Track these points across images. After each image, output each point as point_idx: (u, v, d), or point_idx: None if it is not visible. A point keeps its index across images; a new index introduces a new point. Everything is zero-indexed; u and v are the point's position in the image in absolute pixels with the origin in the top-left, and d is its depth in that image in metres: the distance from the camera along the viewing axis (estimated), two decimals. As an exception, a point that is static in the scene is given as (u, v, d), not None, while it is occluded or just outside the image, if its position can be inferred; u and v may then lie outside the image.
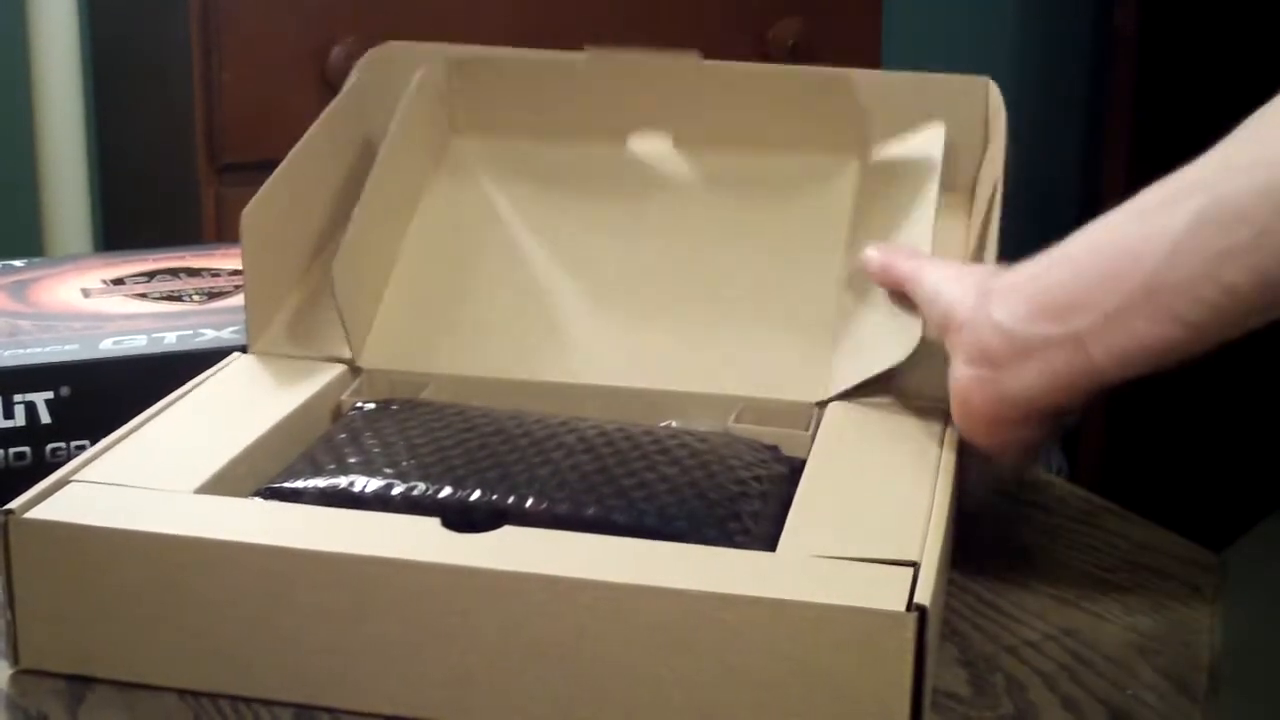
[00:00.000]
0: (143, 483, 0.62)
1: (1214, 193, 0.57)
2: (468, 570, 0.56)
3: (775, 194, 0.81)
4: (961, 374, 0.65)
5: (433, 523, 0.59)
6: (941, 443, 0.67)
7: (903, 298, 0.71)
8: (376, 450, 0.65)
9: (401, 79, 0.84)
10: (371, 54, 0.86)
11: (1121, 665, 0.62)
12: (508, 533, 0.58)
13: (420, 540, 0.57)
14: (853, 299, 0.75)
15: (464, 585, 0.56)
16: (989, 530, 0.73)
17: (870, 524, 0.59)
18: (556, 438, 0.66)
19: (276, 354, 0.76)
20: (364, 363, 0.76)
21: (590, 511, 0.61)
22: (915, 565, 0.56)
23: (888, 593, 0.54)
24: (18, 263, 0.93)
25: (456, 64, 0.85)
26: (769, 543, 0.59)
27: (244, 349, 0.76)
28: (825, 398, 0.72)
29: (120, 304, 0.85)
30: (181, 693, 0.59)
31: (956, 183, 0.81)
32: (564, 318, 0.77)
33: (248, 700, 0.59)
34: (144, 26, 1.68)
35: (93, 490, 0.61)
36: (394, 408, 0.70)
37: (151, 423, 0.68)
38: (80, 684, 0.60)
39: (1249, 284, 0.57)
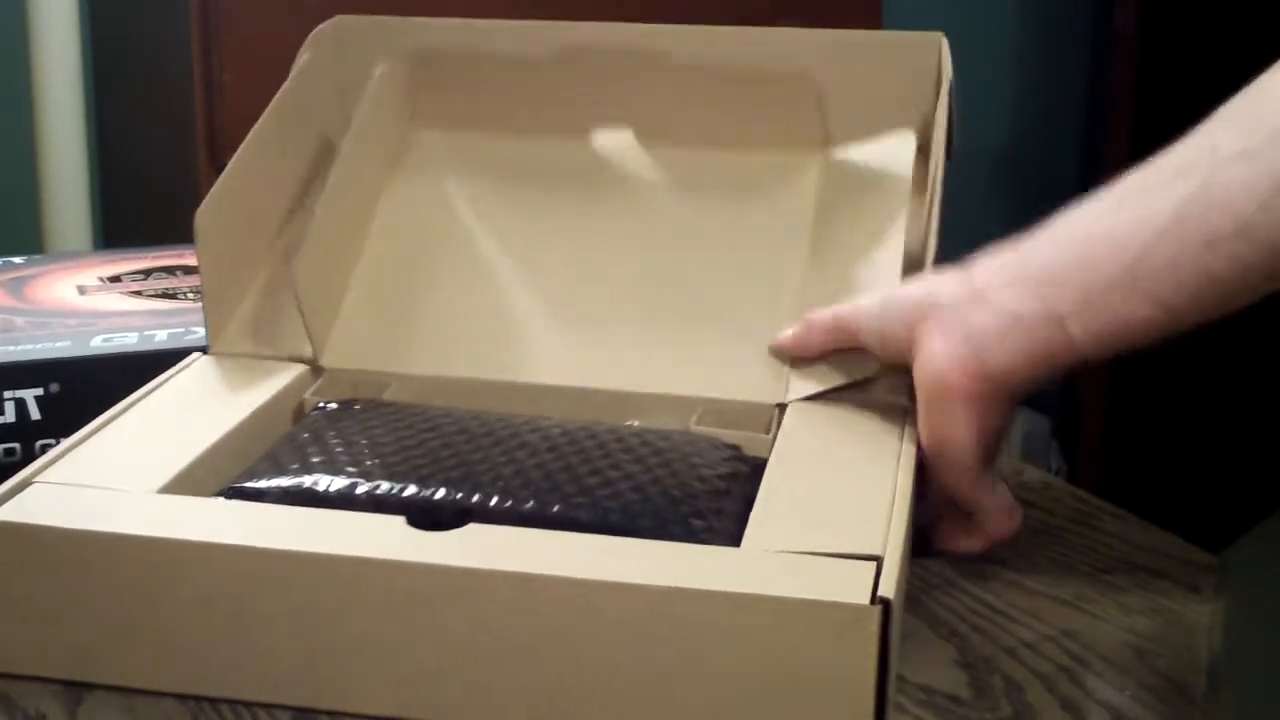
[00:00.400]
0: (105, 483, 0.62)
1: (1201, 179, 0.58)
2: (433, 568, 0.56)
3: (737, 192, 0.81)
4: (939, 351, 0.64)
5: (398, 521, 0.59)
6: (902, 438, 0.67)
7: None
8: (340, 449, 0.65)
9: (354, 55, 0.83)
10: (321, 30, 0.84)
11: (1120, 666, 0.62)
12: (472, 530, 0.58)
13: (385, 539, 0.57)
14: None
15: (430, 583, 0.56)
16: (988, 531, 0.73)
17: (833, 519, 0.60)
18: (520, 436, 0.66)
19: (237, 354, 0.75)
20: (326, 362, 0.75)
21: (555, 509, 0.61)
22: (878, 559, 0.56)
23: (851, 586, 0.54)
24: (17, 260, 0.93)
25: (419, 55, 0.84)
26: (732, 539, 0.59)
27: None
28: (785, 399, 0.72)
29: (115, 301, 0.85)
30: (174, 696, 0.59)
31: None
32: (526, 318, 0.77)
33: (248, 704, 0.59)
34: (144, 26, 1.68)
35: (56, 491, 0.61)
36: (356, 407, 0.70)
37: (113, 423, 0.68)
38: (80, 684, 0.60)
39: (1229, 272, 0.58)
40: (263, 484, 0.63)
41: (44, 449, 0.75)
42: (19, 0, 1.72)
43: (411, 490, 0.62)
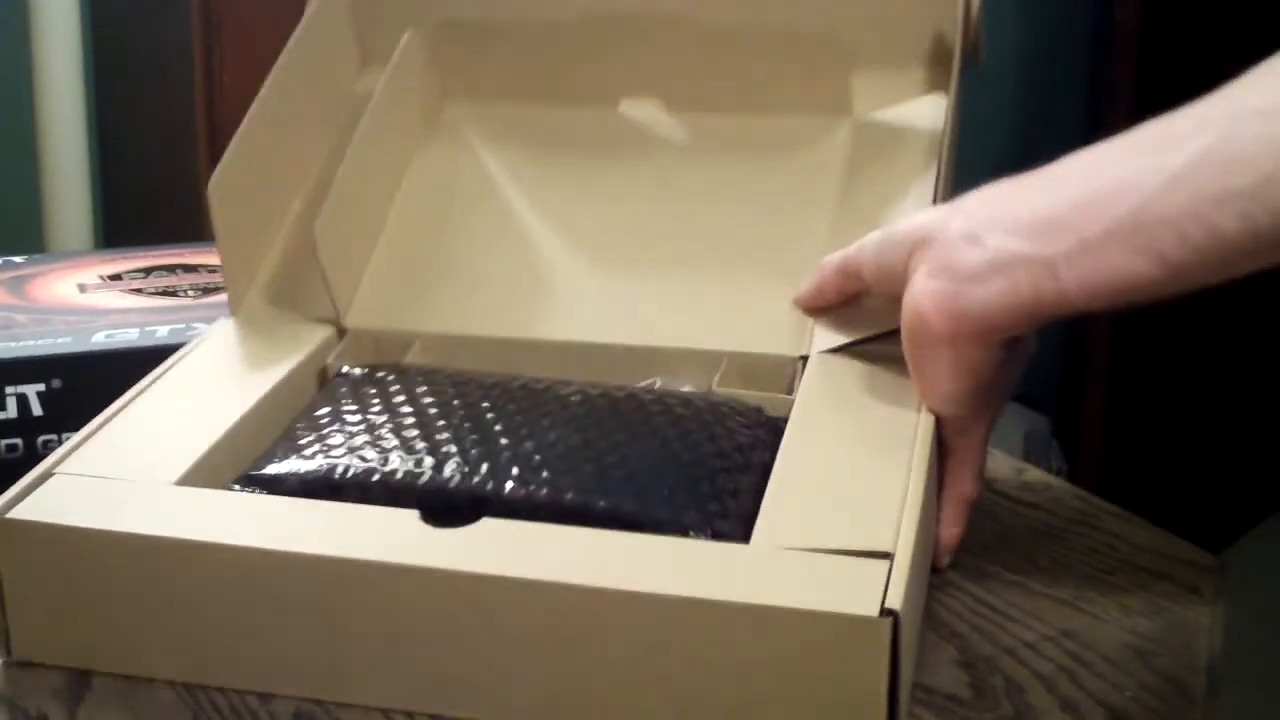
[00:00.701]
0: (126, 474, 0.62)
1: (1220, 133, 0.56)
2: (443, 574, 0.56)
3: (766, 154, 0.81)
4: (922, 286, 0.62)
5: (411, 516, 0.59)
6: (921, 404, 0.66)
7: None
8: (358, 428, 0.65)
9: (370, 14, 0.83)
10: None
11: (1120, 667, 0.62)
12: (484, 529, 0.58)
13: (397, 539, 0.58)
14: None
15: (442, 587, 0.56)
16: (988, 531, 0.73)
17: (845, 508, 0.59)
18: (541, 408, 0.66)
19: (260, 319, 0.75)
20: (349, 322, 0.75)
21: (570, 497, 0.61)
22: (889, 556, 0.56)
23: (860, 594, 0.54)
24: (18, 259, 0.93)
25: (445, 22, 0.84)
26: (748, 520, 0.59)
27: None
28: (808, 352, 0.71)
29: (116, 299, 0.86)
30: (179, 686, 0.59)
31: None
32: (551, 276, 0.77)
33: (242, 692, 0.59)
34: (144, 26, 1.68)
35: (76, 484, 0.61)
36: (378, 375, 0.70)
37: (137, 402, 0.68)
38: (79, 683, 0.60)
39: (1238, 231, 0.55)
40: (279, 471, 0.63)
41: (46, 444, 0.75)
42: (19, 0, 1.72)
43: (427, 477, 0.62)
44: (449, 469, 0.63)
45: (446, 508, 0.59)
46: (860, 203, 0.77)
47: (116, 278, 0.90)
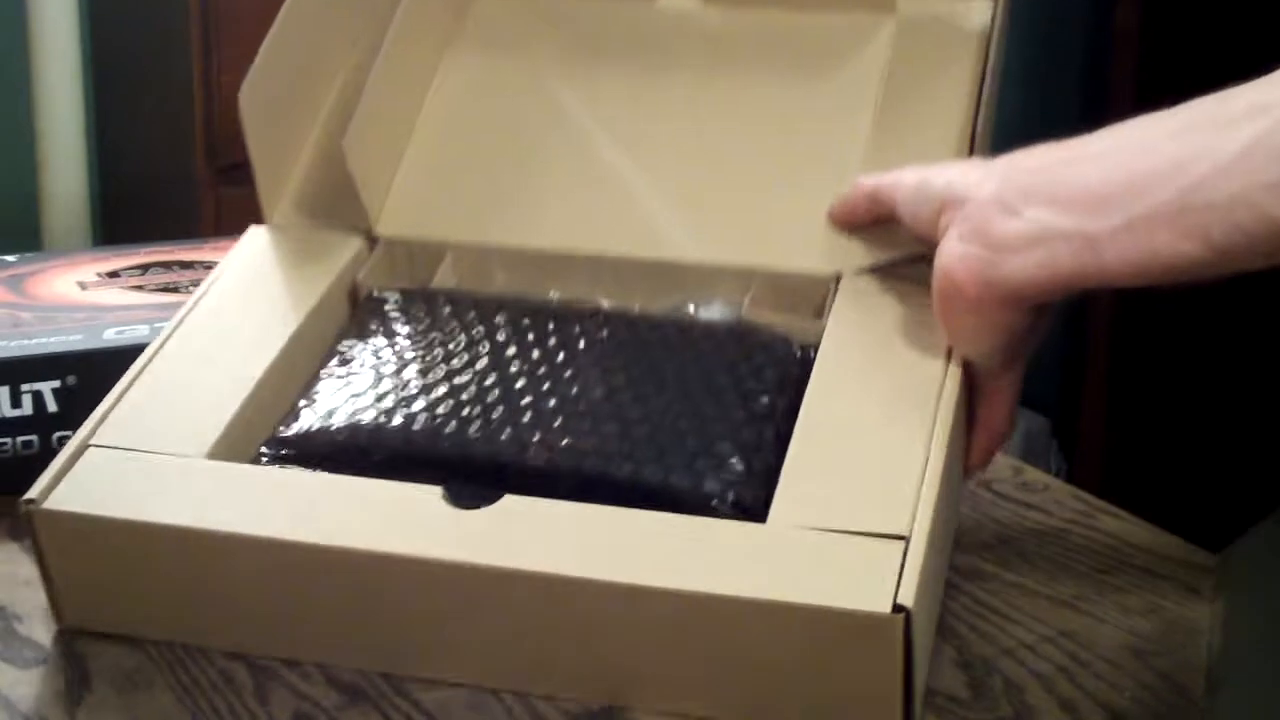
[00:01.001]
0: (159, 444, 0.63)
1: (1276, 119, 0.55)
2: (466, 568, 0.57)
3: (805, 56, 0.78)
4: (953, 250, 0.62)
5: (434, 496, 0.60)
6: (949, 352, 0.65)
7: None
8: (384, 381, 0.65)
9: None
10: None
11: (1119, 667, 0.62)
12: (506, 512, 0.59)
13: (423, 528, 0.59)
14: None
15: (463, 577, 0.57)
16: (987, 531, 0.73)
17: (862, 486, 0.59)
18: (567, 351, 0.66)
19: (292, 227, 0.75)
20: (381, 230, 0.74)
21: (591, 465, 0.61)
22: (905, 539, 0.56)
23: (874, 587, 0.54)
24: (10, 258, 0.93)
25: None
26: (769, 478, 0.60)
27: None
28: (842, 269, 0.70)
29: (118, 296, 0.86)
30: (178, 688, 0.59)
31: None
32: (584, 187, 0.75)
33: (241, 693, 0.59)
34: (144, 27, 1.68)
35: (109, 462, 0.62)
36: (405, 307, 0.70)
37: (173, 341, 0.68)
38: (80, 684, 0.60)
39: None
40: (307, 437, 0.64)
41: (61, 441, 0.76)
42: (19, 0, 1.72)
43: (451, 444, 0.62)
44: (473, 432, 0.63)
45: (469, 480, 0.60)
46: (900, 116, 0.75)
47: (114, 275, 0.90)
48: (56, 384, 0.76)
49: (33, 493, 0.61)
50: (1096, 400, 2.11)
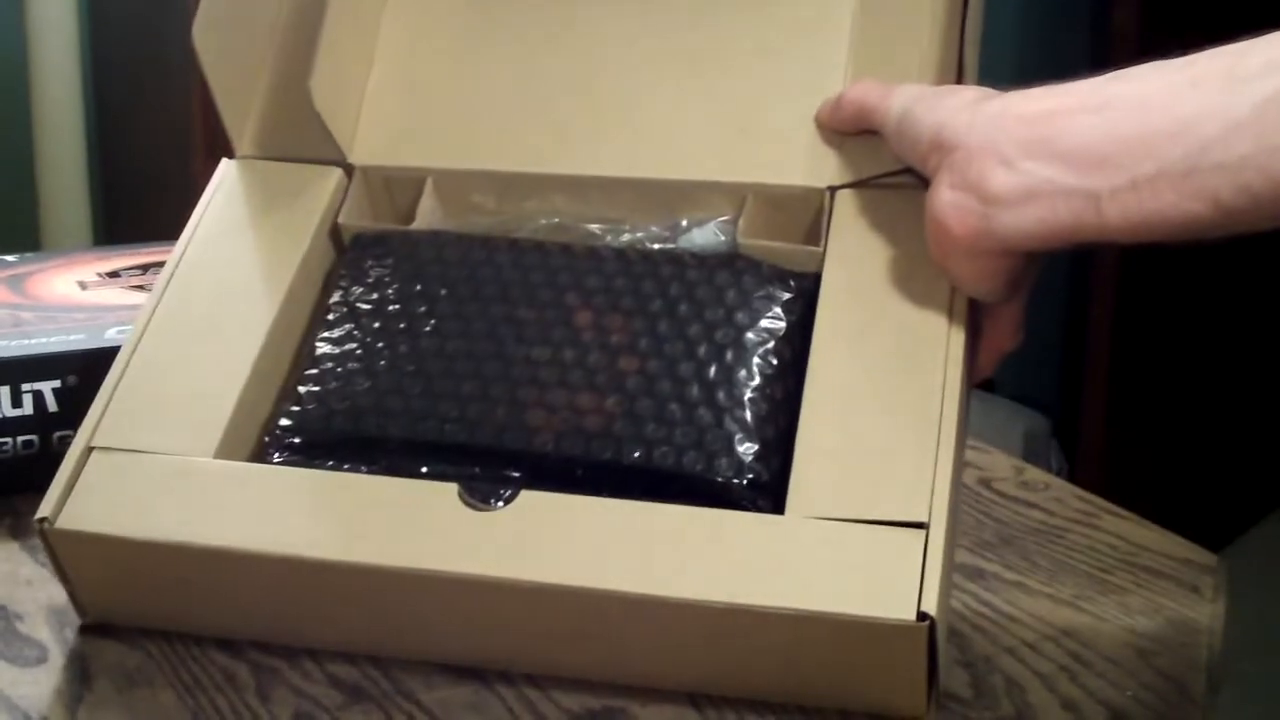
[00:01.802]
0: (163, 443, 0.62)
1: None
2: (486, 581, 0.57)
3: None
4: (945, 198, 0.60)
5: (450, 494, 0.59)
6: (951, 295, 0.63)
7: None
8: (381, 361, 0.64)
9: None
10: None
11: (1120, 666, 0.62)
12: (522, 515, 0.59)
13: (437, 536, 0.59)
14: None
15: (482, 589, 0.58)
16: (988, 531, 0.73)
17: (876, 469, 0.58)
18: (562, 311, 0.65)
19: (263, 165, 0.73)
20: (356, 159, 0.72)
21: (600, 449, 0.61)
22: (925, 526, 0.56)
23: (897, 590, 0.54)
24: (10, 258, 0.93)
25: None
26: (783, 443, 0.60)
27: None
28: (836, 182, 0.68)
29: (119, 295, 0.86)
30: (179, 687, 0.59)
31: None
32: (562, 106, 0.73)
33: (242, 692, 0.59)
34: (144, 26, 1.68)
35: (116, 467, 0.62)
36: (388, 257, 0.68)
37: (162, 310, 0.67)
38: (80, 684, 0.60)
39: None
40: (311, 430, 0.64)
41: (61, 440, 0.76)
42: (19, 0, 1.72)
43: (459, 432, 0.62)
44: (475, 414, 0.62)
45: (481, 467, 0.61)
46: (878, 29, 0.73)
47: (114, 275, 0.90)
48: (56, 384, 0.76)
49: (44, 510, 0.61)
50: (1096, 400, 2.11)
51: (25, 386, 0.76)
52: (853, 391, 0.61)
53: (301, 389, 0.65)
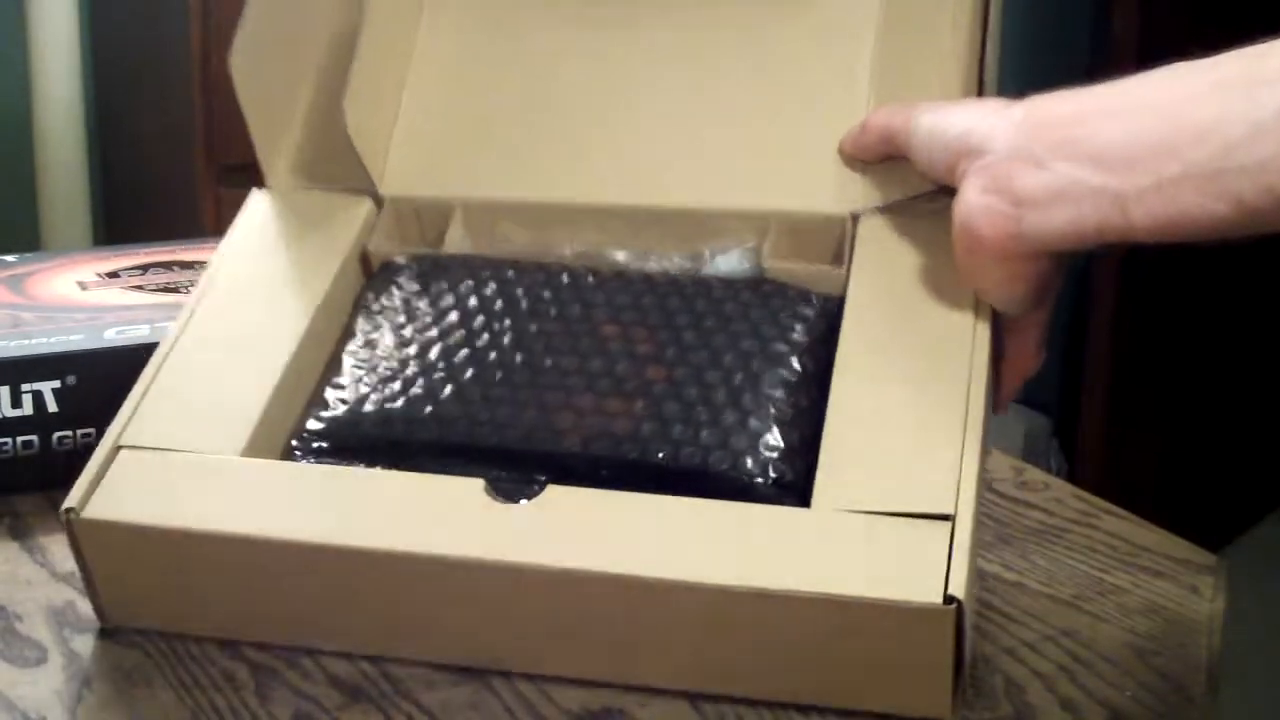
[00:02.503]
0: (191, 441, 0.63)
1: None
2: (511, 567, 0.58)
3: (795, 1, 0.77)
4: (975, 201, 0.61)
5: (476, 488, 0.60)
6: (975, 303, 0.64)
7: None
8: (410, 366, 0.65)
9: None
10: None
11: (1120, 666, 0.62)
12: (549, 503, 0.59)
13: (464, 525, 0.59)
14: None
15: (506, 576, 0.58)
16: (988, 531, 0.73)
17: (902, 463, 0.59)
18: (590, 326, 0.66)
19: (294, 192, 0.74)
20: (386, 190, 0.74)
21: (627, 450, 0.61)
22: (951, 519, 0.56)
23: (923, 575, 0.55)
24: (10, 258, 0.93)
25: None
26: (808, 447, 0.60)
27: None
28: (858, 208, 0.69)
29: (118, 296, 0.86)
30: (179, 687, 0.59)
31: None
32: (587, 136, 0.74)
33: (241, 691, 0.59)
34: (144, 26, 1.68)
35: (143, 463, 0.62)
36: (418, 275, 0.69)
37: (192, 325, 0.68)
38: (79, 684, 0.60)
39: None
40: (339, 430, 0.64)
41: (61, 440, 0.76)
42: (19, 1, 1.72)
43: (488, 433, 0.62)
44: (504, 417, 0.63)
45: (509, 469, 0.61)
46: (900, 50, 0.74)
47: (114, 275, 0.90)
48: (56, 384, 0.76)
49: (71, 500, 0.61)
50: (1096, 400, 2.11)
51: (25, 387, 0.76)
52: (878, 396, 0.62)
53: (329, 394, 0.65)
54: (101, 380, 0.77)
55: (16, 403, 0.75)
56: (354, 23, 0.75)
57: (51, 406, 0.76)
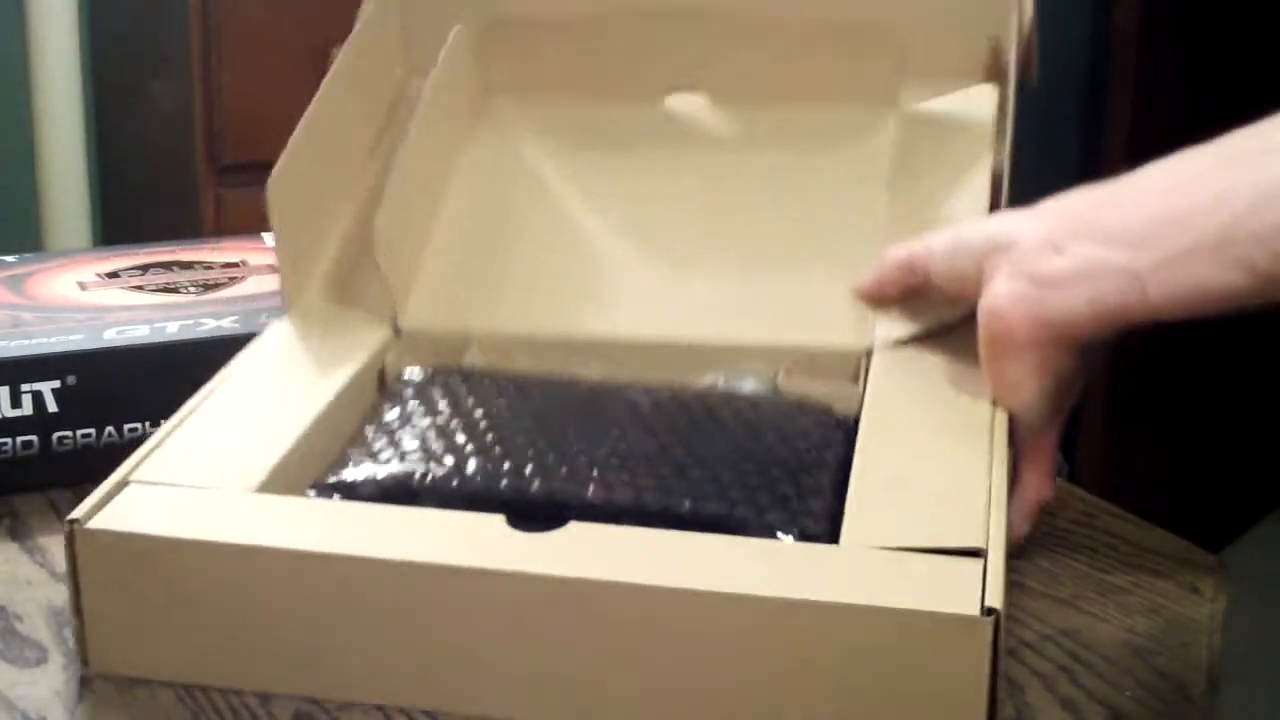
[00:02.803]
0: (201, 481, 0.61)
1: None
2: (536, 577, 0.56)
3: (815, 144, 0.80)
4: (1002, 290, 0.62)
5: (497, 521, 0.58)
6: (994, 401, 0.65)
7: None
8: (430, 432, 0.65)
9: (419, 11, 0.84)
10: None
11: (1120, 666, 0.62)
12: (572, 531, 0.58)
13: (486, 543, 0.57)
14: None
15: (532, 591, 0.56)
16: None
17: (930, 505, 0.58)
18: (610, 412, 0.66)
19: (315, 318, 0.75)
20: (406, 322, 0.75)
21: (652, 499, 0.60)
22: (983, 553, 0.55)
23: (959, 592, 0.54)
24: (9, 258, 0.93)
25: (492, 17, 0.84)
26: (832, 519, 0.59)
27: (252, 338, 0.76)
28: (871, 344, 0.70)
29: (118, 296, 0.86)
30: (179, 687, 0.59)
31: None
32: (606, 273, 0.76)
33: (242, 692, 0.59)
34: (144, 26, 1.68)
35: (153, 493, 0.61)
36: (440, 378, 0.69)
37: (205, 406, 0.67)
38: (79, 684, 0.60)
39: None
40: (356, 478, 0.63)
41: (61, 441, 0.76)
42: (19, 1, 1.72)
43: (507, 482, 0.62)
44: (528, 473, 0.62)
45: (530, 513, 0.59)
46: (915, 193, 0.76)
47: (114, 275, 0.90)
48: (56, 384, 0.76)
49: (76, 513, 0.59)
50: (1096, 400, 2.11)
51: (25, 387, 0.76)
52: (901, 456, 0.62)
53: (350, 452, 0.65)
54: (101, 380, 0.77)
55: (16, 403, 0.75)
56: (396, 147, 0.77)
57: (51, 406, 0.76)
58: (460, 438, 0.64)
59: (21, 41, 1.72)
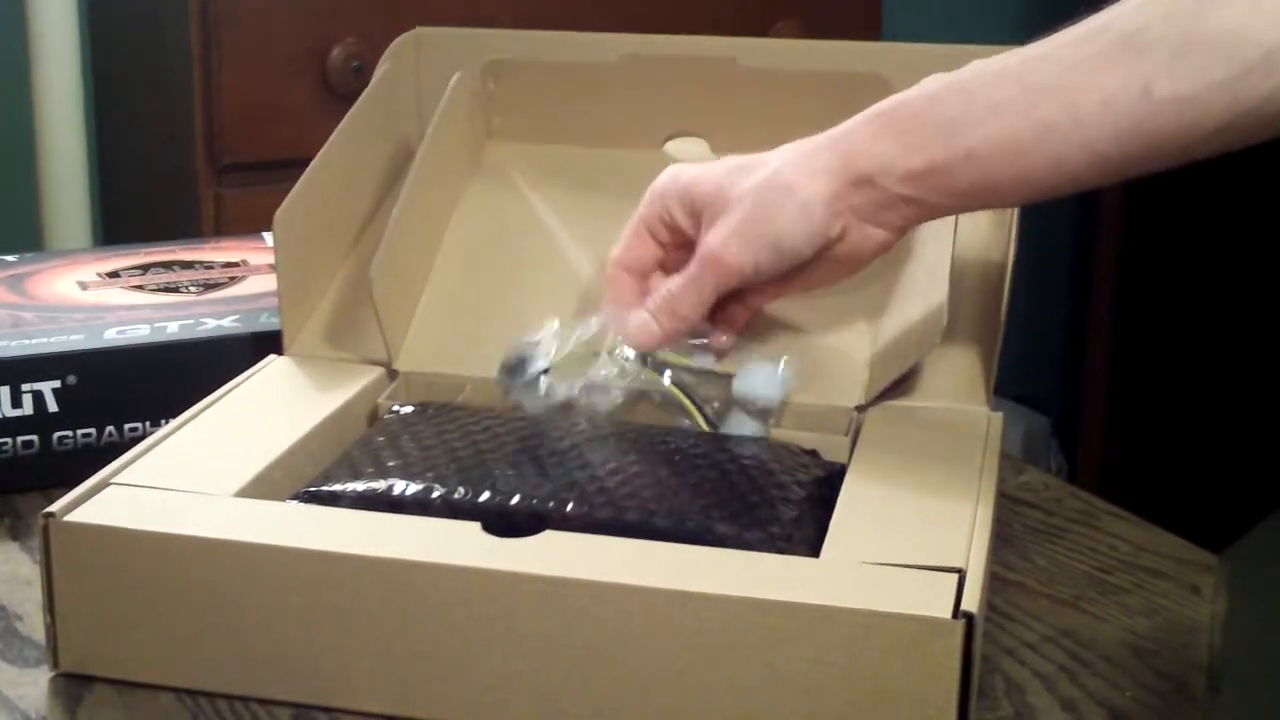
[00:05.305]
0: (181, 486, 0.62)
1: None
2: (510, 575, 0.56)
3: None
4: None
5: (474, 527, 0.59)
6: (984, 449, 0.66)
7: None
8: (414, 453, 0.65)
9: (430, 67, 0.85)
10: (402, 40, 0.86)
11: (1120, 666, 0.62)
12: (549, 537, 0.58)
13: (462, 544, 0.57)
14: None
15: (506, 590, 0.56)
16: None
17: (914, 530, 0.59)
18: (594, 442, 0.66)
19: (313, 356, 0.76)
20: (401, 365, 0.76)
21: (631, 516, 0.60)
22: (961, 571, 0.56)
23: (934, 599, 0.54)
24: (10, 258, 0.93)
25: (492, 66, 0.85)
26: (811, 547, 0.59)
27: (252, 338, 0.77)
28: (864, 401, 0.72)
29: (119, 296, 0.86)
30: (181, 690, 0.59)
31: None
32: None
33: (245, 699, 0.59)
34: (144, 27, 1.68)
35: (132, 493, 0.61)
36: (430, 411, 0.70)
37: (190, 424, 0.68)
38: (79, 684, 0.60)
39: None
40: (338, 488, 0.63)
41: (61, 440, 0.76)
42: (19, 1, 1.72)
43: (486, 496, 0.62)
44: (508, 488, 0.62)
45: (508, 525, 0.59)
46: (906, 245, 0.76)
47: (114, 275, 0.90)
48: (56, 384, 0.76)
49: (53, 508, 0.59)
50: (1096, 400, 2.11)
51: (25, 387, 0.76)
52: (887, 489, 0.63)
53: (332, 469, 0.65)
54: (101, 380, 0.77)
55: (17, 403, 0.75)
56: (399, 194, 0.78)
57: (51, 406, 0.76)
58: (443, 460, 0.65)
59: (21, 41, 1.72)
